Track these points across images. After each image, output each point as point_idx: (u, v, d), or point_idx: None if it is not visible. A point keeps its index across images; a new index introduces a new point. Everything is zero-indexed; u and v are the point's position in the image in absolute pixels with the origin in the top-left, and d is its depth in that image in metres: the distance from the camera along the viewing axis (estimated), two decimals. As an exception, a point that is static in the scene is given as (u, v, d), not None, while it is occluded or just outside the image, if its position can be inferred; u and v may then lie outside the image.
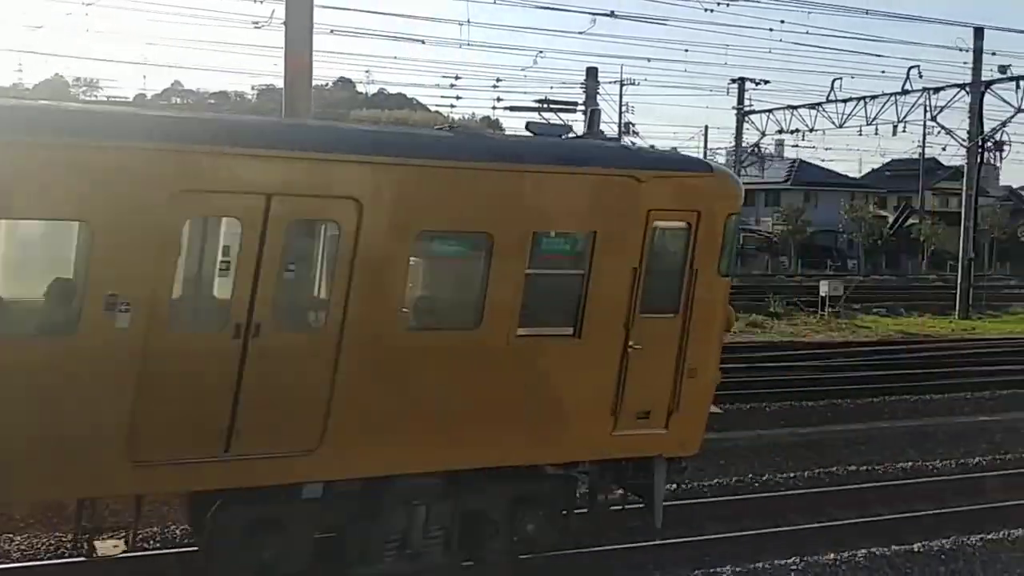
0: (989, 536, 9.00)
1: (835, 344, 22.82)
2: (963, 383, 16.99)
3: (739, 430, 13.53)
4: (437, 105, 51.16)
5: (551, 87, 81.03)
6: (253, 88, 78.75)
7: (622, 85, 49.83)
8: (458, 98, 65.73)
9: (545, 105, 27.14)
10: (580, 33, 61.25)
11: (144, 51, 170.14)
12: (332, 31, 30.96)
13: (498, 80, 68.31)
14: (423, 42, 48.60)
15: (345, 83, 79.39)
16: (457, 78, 71.25)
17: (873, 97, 35.13)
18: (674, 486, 10.80)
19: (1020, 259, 68.12)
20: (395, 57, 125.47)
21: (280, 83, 10.85)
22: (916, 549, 8.57)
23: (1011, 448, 13.48)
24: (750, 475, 11.52)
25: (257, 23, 25.68)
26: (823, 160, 69.59)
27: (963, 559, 8.53)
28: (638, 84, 51.62)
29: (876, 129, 35.64)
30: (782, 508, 10.35)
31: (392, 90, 75.95)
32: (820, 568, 8.11)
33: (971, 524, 9.74)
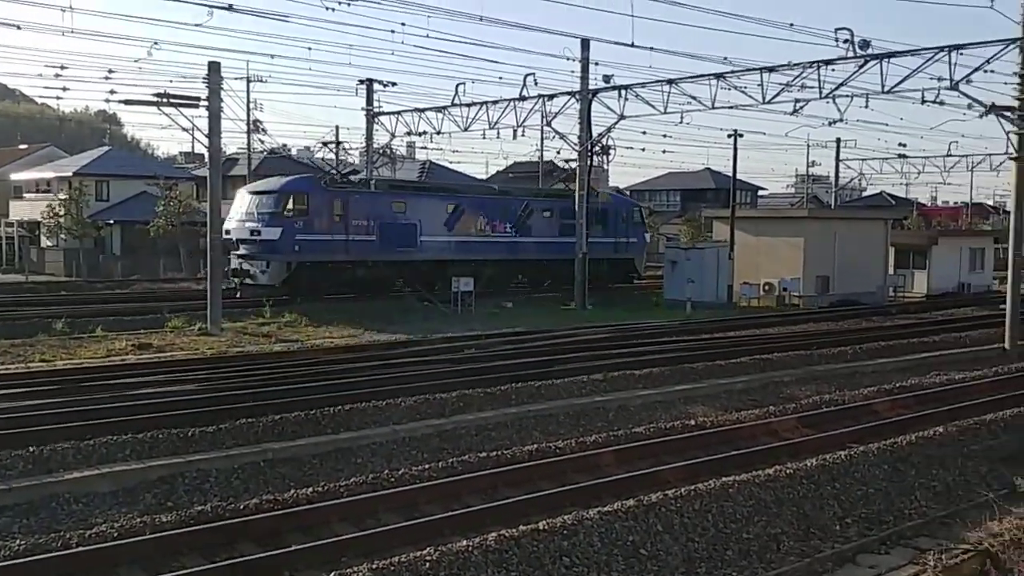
0: (605, 508, 9.59)
1: (468, 336, 23.63)
2: (579, 367, 18.21)
3: (375, 427, 13.57)
4: (42, 97, 47.09)
5: (170, 80, 77.30)
6: None
7: (249, 82, 48.62)
8: (65, 89, 61.15)
9: (165, 99, 25.79)
10: (197, 25, 58.86)
11: None
12: (-95, 12, 27.35)
13: (111, 71, 63.84)
14: (19, 27, 44.32)
15: (-72, 73, 70.97)
16: (63, 68, 65.73)
17: (494, 102, 36.83)
18: (310, 489, 10.58)
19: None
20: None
21: None
22: (542, 527, 8.93)
23: (622, 425, 14.61)
24: (386, 471, 11.54)
25: None
26: (451, 162, 72.27)
27: (583, 532, 9.02)
28: (265, 81, 50.41)
29: (498, 133, 37.39)
30: (417, 500, 10.45)
31: (-12, 81, 68.87)
32: (453, 556, 8.23)
33: (589, 498, 10.41)
